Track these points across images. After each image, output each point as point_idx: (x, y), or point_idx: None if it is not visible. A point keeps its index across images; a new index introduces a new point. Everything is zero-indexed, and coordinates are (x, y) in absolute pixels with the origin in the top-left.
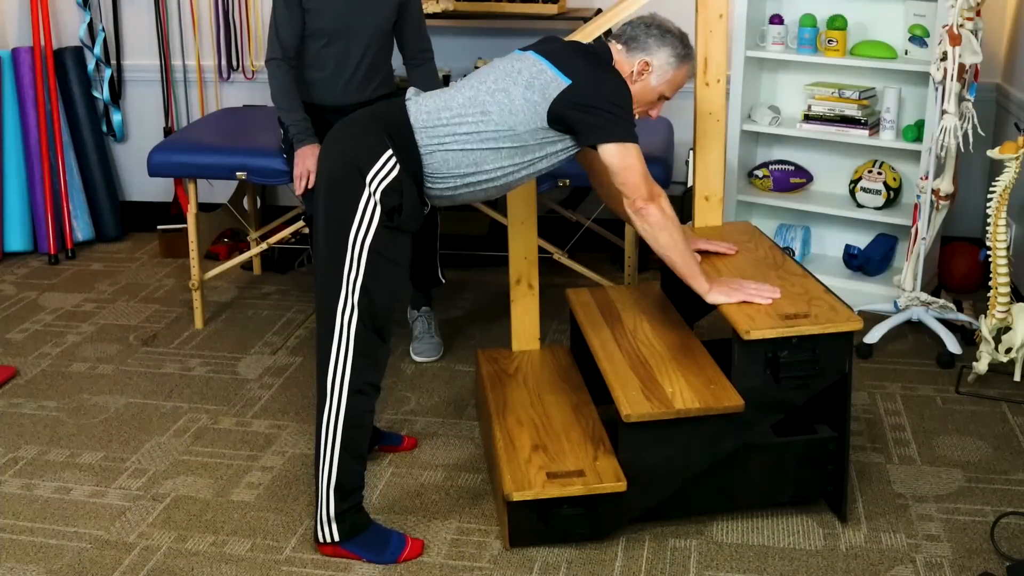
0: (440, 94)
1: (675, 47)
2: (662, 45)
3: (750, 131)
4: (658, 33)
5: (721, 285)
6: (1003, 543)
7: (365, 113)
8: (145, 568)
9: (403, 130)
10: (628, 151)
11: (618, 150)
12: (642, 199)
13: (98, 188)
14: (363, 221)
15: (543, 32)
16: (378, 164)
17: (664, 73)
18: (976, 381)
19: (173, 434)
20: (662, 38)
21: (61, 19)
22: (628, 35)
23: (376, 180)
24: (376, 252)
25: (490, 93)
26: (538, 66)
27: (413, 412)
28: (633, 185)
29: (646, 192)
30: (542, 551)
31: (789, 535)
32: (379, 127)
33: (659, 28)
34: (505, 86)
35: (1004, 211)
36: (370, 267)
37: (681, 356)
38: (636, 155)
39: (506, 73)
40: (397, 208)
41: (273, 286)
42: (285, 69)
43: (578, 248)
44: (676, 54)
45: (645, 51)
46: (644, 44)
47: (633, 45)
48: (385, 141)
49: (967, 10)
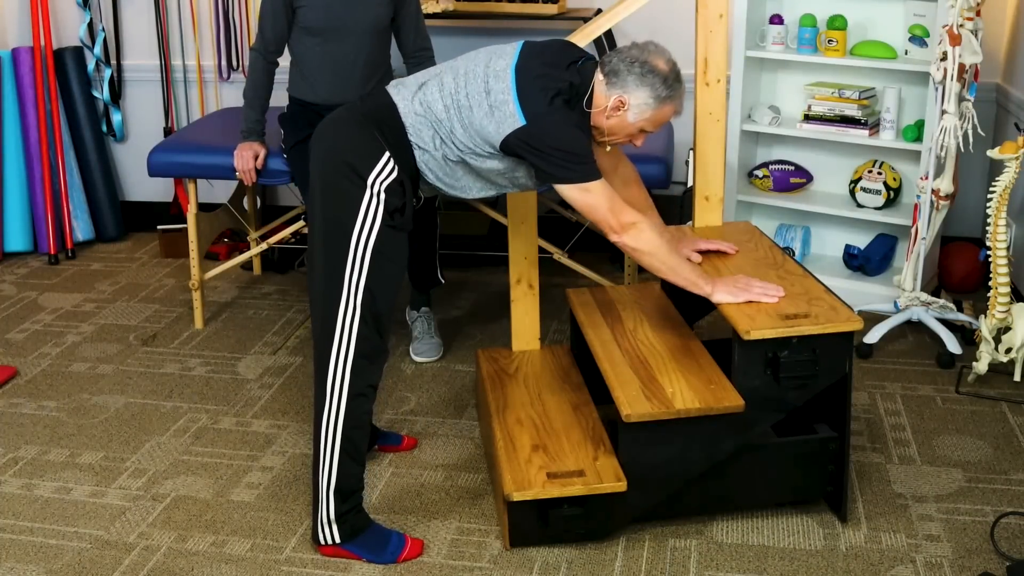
0: (424, 92)
1: (655, 88)
2: (641, 85)
3: (750, 131)
4: (640, 72)
5: (725, 284)
6: (1003, 543)
7: (351, 110)
8: (145, 568)
9: (396, 129)
10: (587, 190)
11: (576, 191)
12: (613, 232)
13: (98, 188)
14: (365, 222)
15: (543, 32)
16: (378, 165)
17: (642, 112)
18: (976, 381)
19: (173, 434)
20: (642, 78)
21: (61, 19)
22: (612, 67)
23: (378, 181)
24: (379, 252)
25: (458, 109)
26: (505, 95)
27: (413, 412)
28: (601, 221)
29: (615, 224)
30: (542, 551)
31: (789, 535)
32: (371, 125)
33: (642, 66)
34: (472, 103)
35: (1004, 211)
36: (373, 267)
37: (681, 356)
38: (598, 191)
39: (477, 90)
40: (400, 208)
41: (273, 286)
42: (261, 64)
43: (578, 248)
44: (655, 96)
45: (623, 89)
46: (624, 81)
47: (613, 80)
48: (380, 141)
49: (967, 10)
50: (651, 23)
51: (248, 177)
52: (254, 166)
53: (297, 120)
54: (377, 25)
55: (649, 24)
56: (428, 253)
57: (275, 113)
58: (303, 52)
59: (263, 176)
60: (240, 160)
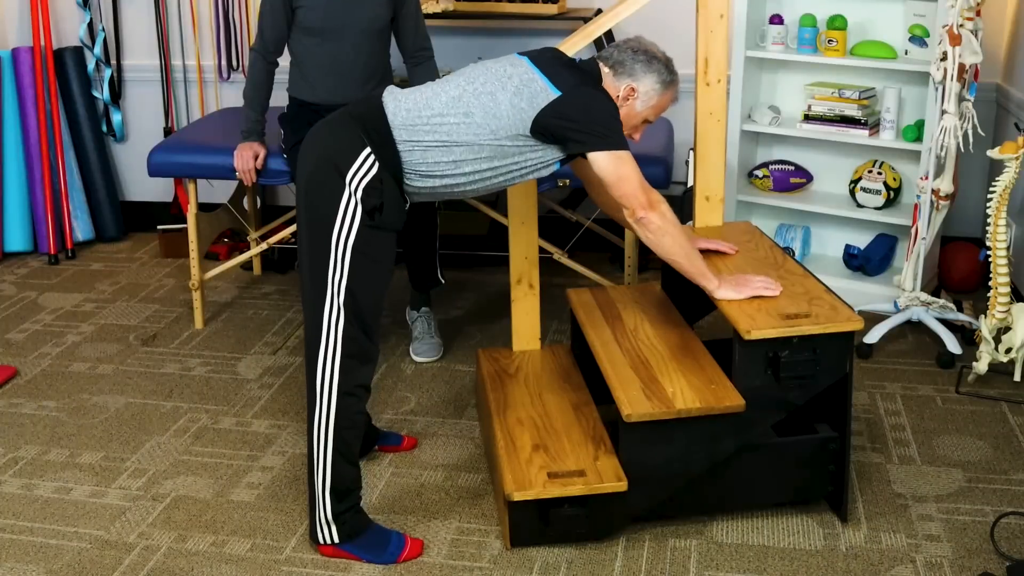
0: (421, 92)
1: (660, 73)
2: (648, 71)
3: (750, 131)
4: (644, 59)
5: (728, 282)
6: (1003, 543)
7: (341, 112)
8: (145, 568)
9: (380, 127)
10: (621, 160)
11: (610, 159)
12: (641, 208)
13: (98, 188)
14: (344, 221)
15: (543, 32)
16: (357, 163)
17: (649, 99)
18: (976, 381)
19: (173, 434)
20: (648, 64)
21: (61, 19)
22: (615, 59)
23: (356, 179)
24: (359, 252)
25: (476, 95)
26: (530, 74)
27: (413, 412)
28: (630, 195)
29: (644, 200)
30: (542, 551)
31: (789, 535)
32: (355, 125)
33: (645, 54)
34: (492, 90)
35: (1004, 211)
36: (354, 267)
37: (682, 356)
38: (630, 164)
39: (496, 77)
40: (378, 207)
41: (273, 286)
42: (261, 65)
43: (578, 248)
44: (661, 80)
45: (632, 76)
46: (631, 69)
47: (620, 70)
48: (362, 139)
49: (967, 10)
50: (651, 23)
51: (248, 177)
52: (254, 166)
53: (297, 120)
54: (377, 25)
55: (649, 24)
56: (428, 253)
57: (275, 113)
58: (303, 52)
59: (263, 176)
60: (240, 160)
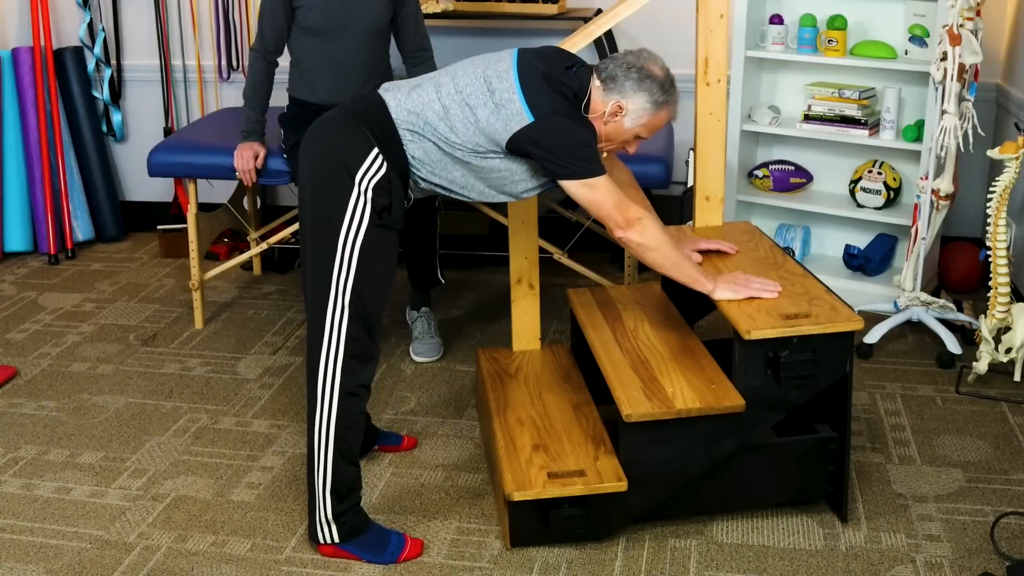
0: (420, 92)
1: (652, 94)
2: (638, 91)
3: (750, 131)
4: (637, 77)
5: (726, 282)
6: (1003, 543)
7: (342, 111)
8: (145, 568)
9: (385, 126)
10: (592, 188)
11: (580, 187)
12: (618, 228)
13: (98, 188)
14: (353, 221)
15: (543, 32)
16: (366, 163)
17: (638, 117)
18: (976, 381)
19: (173, 434)
20: (640, 83)
21: (61, 19)
22: (608, 73)
23: (366, 179)
24: (367, 252)
25: (460, 107)
26: (510, 93)
27: (413, 412)
28: (606, 217)
29: (621, 220)
30: (542, 551)
31: (789, 535)
32: (360, 124)
33: (639, 72)
34: (475, 103)
35: (1004, 211)
36: (361, 267)
37: (682, 356)
38: (603, 189)
39: (481, 90)
40: (387, 207)
41: (273, 286)
42: (261, 65)
43: (578, 248)
44: (652, 101)
45: (621, 94)
46: (621, 87)
47: (610, 85)
48: (370, 139)
49: (967, 10)
50: (651, 23)
51: (248, 177)
52: (254, 166)
53: (297, 120)
54: (376, 25)
55: (649, 24)
56: (428, 253)
57: (275, 113)
58: (303, 52)
59: (263, 176)
60: (240, 160)
